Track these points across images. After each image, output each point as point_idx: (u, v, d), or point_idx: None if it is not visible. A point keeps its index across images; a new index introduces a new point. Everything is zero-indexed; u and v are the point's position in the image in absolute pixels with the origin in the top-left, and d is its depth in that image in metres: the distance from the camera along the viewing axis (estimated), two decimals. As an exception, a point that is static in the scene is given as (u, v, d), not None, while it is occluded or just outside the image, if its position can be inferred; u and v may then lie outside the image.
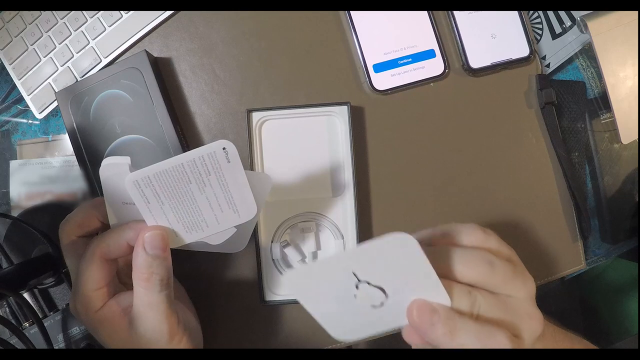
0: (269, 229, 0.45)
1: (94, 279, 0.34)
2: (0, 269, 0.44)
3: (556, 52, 0.48)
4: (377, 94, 0.46)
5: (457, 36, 0.46)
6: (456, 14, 0.46)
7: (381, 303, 0.30)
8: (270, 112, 0.45)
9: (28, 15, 0.46)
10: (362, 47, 0.46)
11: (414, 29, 0.46)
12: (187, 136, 0.47)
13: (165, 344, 0.35)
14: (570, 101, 0.48)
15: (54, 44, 0.46)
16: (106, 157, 0.44)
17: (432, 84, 0.47)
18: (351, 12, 0.46)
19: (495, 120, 0.47)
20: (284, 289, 0.45)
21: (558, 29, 0.48)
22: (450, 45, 0.47)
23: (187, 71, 0.47)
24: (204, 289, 0.46)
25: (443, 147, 0.47)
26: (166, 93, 0.46)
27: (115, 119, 0.44)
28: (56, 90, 0.46)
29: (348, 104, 0.44)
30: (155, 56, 0.47)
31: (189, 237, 0.36)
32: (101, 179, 0.33)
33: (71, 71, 0.46)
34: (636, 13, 0.45)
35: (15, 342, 0.39)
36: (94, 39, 0.46)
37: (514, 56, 0.46)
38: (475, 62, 0.46)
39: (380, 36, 0.46)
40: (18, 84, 0.47)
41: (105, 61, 0.46)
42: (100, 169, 0.33)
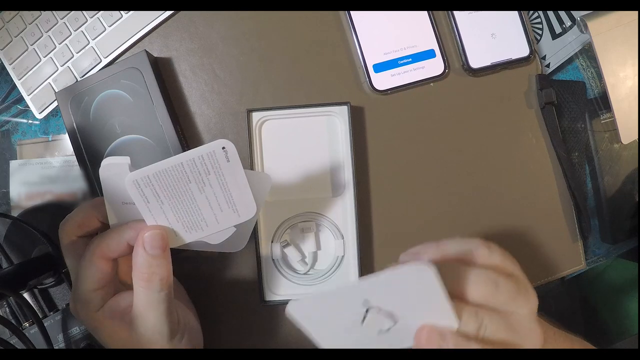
0: (269, 229, 0.45)
1: (93, 278, 0.34)
2: (0, 269, 0.44)
3: (556, 52, 0.48)
4: (377, 94, 0.46)
5: (457, 36, 0.46)
6: (456, 14, 0.46)
7: (388, 328, 0.30)
8: (270, 112, 0.45)
9: (28, 15, 0.46)
10: (362, 47, 0.46)
11: (414, 29, 0.46)
12: (187, 136, 0.47)
13: (165, 344, 0.35)
14: (570, 101, 0.48)
15: (54, 44, 0.46)
16: (106, 157, 0.44)
17: (432, 84, 0.47)
18: (351, 12, 0.46)
19: (495, 120, 0.47)
20: (284, 290, 0.44)
21: (558, 29, 0.48)
22: (450, 45, 0.47)
23: (187, 71, 0.47)
24: (204, 289, 0.46)
25: (443, 147, 0.47)
26: (166, 93, 0.46)
27: (115, 119, 0.44)
28: (56, 90, 0.46)
29: (348, 104, 0.44)
30: (155, 56, 0.47)
31: (189, 236, 0.36)
32: (101, 179, 0.33)
33: (71, 71, 0.46)
34: (636, 13, 0.45)
35: (15, 342, 0.39)
36: (94, 39, 0.46)
37: (514, 56, 0.46)
38: (475, 62, 0.46)
39: (380, 36, 0.46)
40: (18, 84, 0.47)
41: (105, 61, 0.46)
42: (100, 169, 0.33)
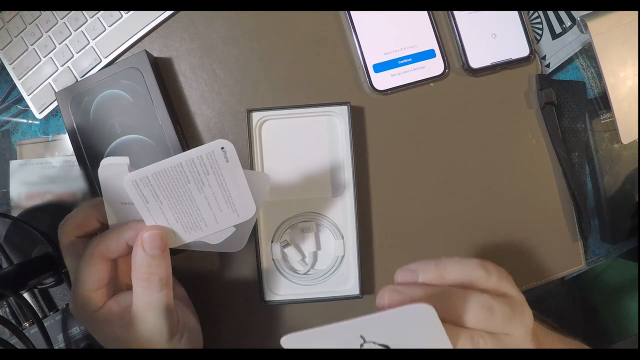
0: (269, 229, 0.45)
1: (93, 279, 0.34)
2: (0, 269, 0.44)
3: (556, 52, 0.48)
4: (377, 94, 0.46)
5: (457, 36, 0.46)
6: (456, 14, 0.46)
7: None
8: (270, 112, 0.45)
9: (28, 15, 0.46)
10: (362, 47, 0.46)
11: (414, 29, 0.46)
12: (187, 136, 0.47)
13: (164, 344, 0.35)
14: (570, 101, 0.48)
15: (54, 44, 0.46)
16: (106, 157, 0.44)
17: (432, 84, 0.47)
18: (351, 12, 0.46)
19: (495, 120, 0.47)
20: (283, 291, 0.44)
21: (558, 29, 0.48)
22: (450, 45, 0.47)
23: (187, 71, 0.47)
24: (204, 289, 0.46)
25: (443, 147, 0.47)
26: (166, 93, 0.46)
27: (115, 119, 0.44)
28: (56, 90, 0.46)
29: (348, 104, 0.44)
30: (155, 56, 0.47)
31: (188, 236, 0.36)
32: (100, 179, 0.33)
33: (71, 71, 0.46)
34: (636, 13, 0.45)
35: (15, 342, 0.39)
36: (94, 39, 0.46)
37: (514, 56, 0.46)
38: (475, 62, 0.46)
39: (380, 36, 0.46)
40: (18, 84, 0.47)
41: (105, 61, 0.46)
42: (99, 169, 0.33)
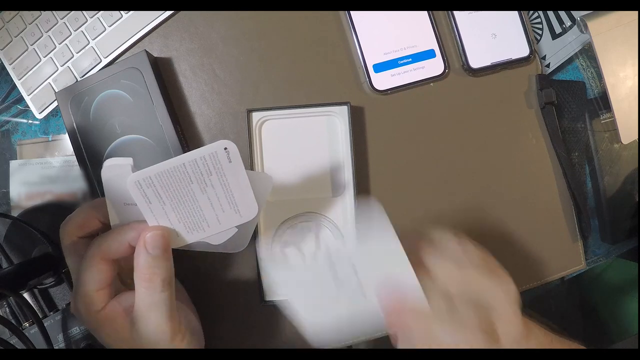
0: (269, 229, 0.45)
1: (95, 279, 0.34)
2: (0, 269, 0.44)
3: (556, 52, 0.48)
4: (377, 94, 0.46)
5: (457, 36, 0.46)
6: (456, 14, 0.46)
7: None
8: (270, 112, 0.45)
9: (28, 15, 0.46)
10: (362, 47, 0.46)
11: (414, 29, 0.46)
12: (187, 136, 0.47)
13: (166, 344, 0.35)
14: (570, 101, 0.48)
15: (54, 44, 0.46)
16: (106, 157, 0.44)
17: (432, 84, 0.47)
18: (351, 12, 0.46)
19: (495, 120, 0.47)
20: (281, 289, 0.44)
21: (558, 29, 0.48)
22: (450, 45, 0.47)
23: (187, 71, 0.47)
24: (204, 289, 0.46)
25: (443, 147, 0.47)
26: (166, 93, 0.46)
27: (115, 119, 0.44)
28: (56, 90, 0.46)
29: (348, 104, 0.44)
30: (155, 56, 0.47)
31: (191, 237, 0.36)
32: (103, 180, 0.33)
33: (71, 71, 0.46)
34: (636, 13, 0.45)
35: (15, 342, 0.39)
36: (94, 39, 0.46)
37: (514, 56, 0.46)
38: (475, 62, 0.46)
39: (380, 36, 0.46)
40: (18, 84, 0.47)
41: (105, 61, 0.46)
42: (103, 170, 0.33)
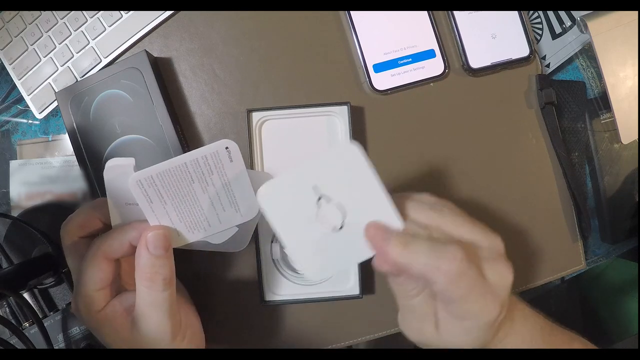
0: (269, 229, 0.45)
1: (96, 279, 0.34)
2: (0, 269, 0.44)
3: (556, 52, 0.48)
4: (377, 94, 0.46)
5: (457, 36, 0.46)
6: (456, 14, 0.46)
7: (341, 225, 0.33)
8: (270, 112, 0.45)
9: (28, 15, 0.46)
10: (362, 47, 0.46)
11: (414, 29, 0.46)
12: (187, 136, 0.47)
13: (167, 344, 0.35)
14: (570, 101, 0.48)
15: (54, 44, 0.46)
16: (106, 157, 0.44)
17: (432, 84, 0.47)
18: (351, 12, 0.46)
19: (495, 120, 0.47)
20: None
21: (558, 29, 0.48)
22: (450, 45, 0.47)
23: (187, 71, 0.47)
24: (204, 289, 0.46)
25: (443, 147, 0.47)
26: (166, 93, 0.46)
27: (115, 119, 0.44)
28: (56, 90, 0.46)
29: (348, 104, 0.44)
30: (155, 56, 0.47)
31: (192, 236, 0.36)
32: (105, 180, 0.33)
33: (71, 71, 0.46)
34: (636, 13, 0.45)
35: (15, 342, 0.39)
36: (94, 39, 0.46)
37: (514, 56, 0.46)
38: (475, 62, 0.46)
39: (380, 36, 0.46)
40: (18, 84, 0.47)
41: (105, 61, 0.46)
42: (105, 170, 0.33)
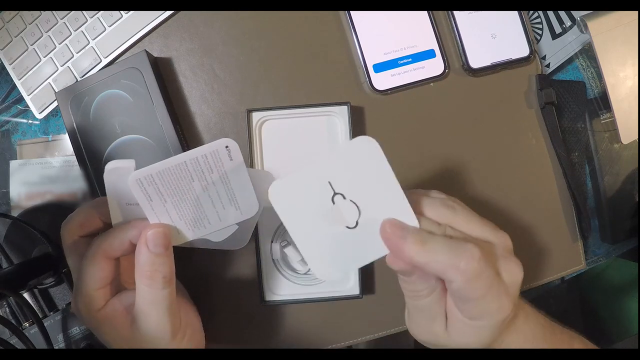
0: (269, 229, 0.45)
1: (96, 278, 0.34)
2: (0, 269, 0.44)
3: (556, 52, 0.48)
4: (377, 94, 0.46)
5: (457, 36, 0.46)
6: (456, 14, 0.46)
7: (356, 223, 0.32)
8: (270, 112, 0.45)
9: (28, 15, 0.46)
10: (362, 47, 0.46)
11: (414, 29, 0.46)
12: (187, 136, 0.47)
13: (167, 342, 0.35)
14: (570, 101, 0.48)
15: (54, 44, 0.46)
16: (106, 157, 0.44)
17: (432, 84, 0.47)
18: (351, 12, 0.46)
19: (495, 120, 0.47)
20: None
21: (558, 29, 0.48)
22: (450, 45, 0.47)
23: (187, 71, 0.47)
24: (204, 289, 0.46)
25: (443, 147, 0.47)
26: (166, 93, 0.46)
27: (115, 119, 0.44)
28: (56, 90, 0.46)
29: (348, 104, 0.44)
30: (155, 56, 0.47)
31: (191, 234, 0.36)
32: (105, 181, 0.33)
33: (71, 71, 0.46)
34: (636, 13, 0.45)
35: (15, 342, 0.39)
36: (94, 39, 0.46)
37: (514, 56, 0.46)
38: (475, 62, 0.46)
39: (380, 36, 0.46)
40: (18, 84, 0.47)
41: (105, 61, 0.46)
42: (105, 172, 0.33)
